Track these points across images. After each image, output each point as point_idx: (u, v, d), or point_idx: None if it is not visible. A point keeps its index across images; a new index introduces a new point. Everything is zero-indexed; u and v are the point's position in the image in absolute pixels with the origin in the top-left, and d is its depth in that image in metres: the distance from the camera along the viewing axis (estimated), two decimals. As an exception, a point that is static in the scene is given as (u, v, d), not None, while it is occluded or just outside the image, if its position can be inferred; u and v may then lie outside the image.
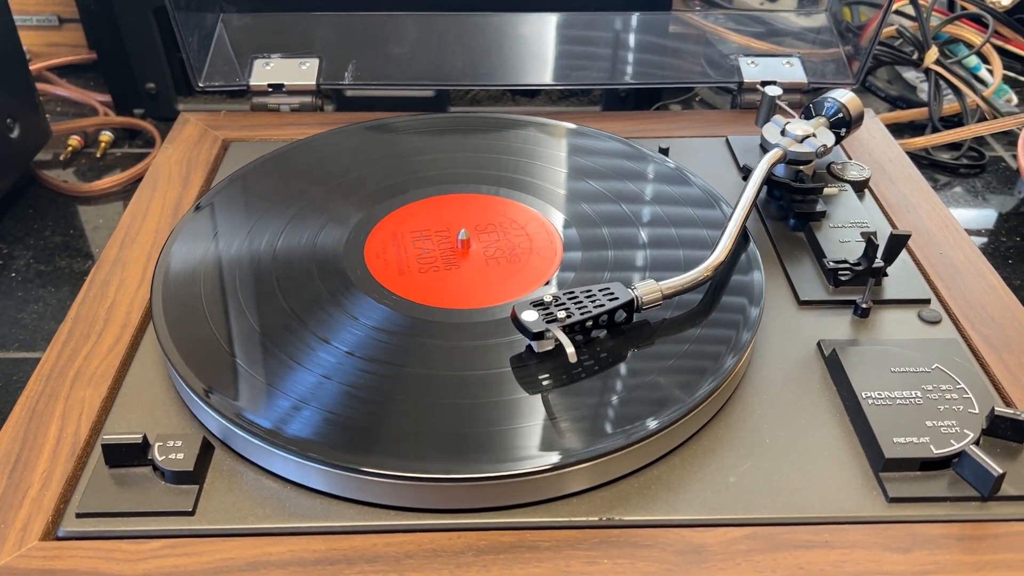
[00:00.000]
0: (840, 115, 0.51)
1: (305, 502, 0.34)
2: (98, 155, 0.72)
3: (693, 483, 0.35)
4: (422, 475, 0.33)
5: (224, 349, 0.39)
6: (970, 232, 0.66)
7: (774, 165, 0.48)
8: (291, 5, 0.65)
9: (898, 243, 0.43)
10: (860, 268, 0.43)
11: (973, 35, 0.80)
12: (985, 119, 0.74)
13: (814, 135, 0.49)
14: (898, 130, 0.77)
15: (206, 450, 0.35)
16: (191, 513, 0.34)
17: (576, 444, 0.34)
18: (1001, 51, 0.83)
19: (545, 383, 0.37)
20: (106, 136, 0.73)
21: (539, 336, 0.37)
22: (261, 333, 0.40)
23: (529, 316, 0.37)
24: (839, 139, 0.51)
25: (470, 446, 0.34)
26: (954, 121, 0.76)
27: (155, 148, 0.71)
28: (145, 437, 0.35)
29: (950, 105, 0.76)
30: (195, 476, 0.34)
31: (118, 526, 0.33)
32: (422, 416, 0.36)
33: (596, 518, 0.34)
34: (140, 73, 0.73)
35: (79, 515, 0.34)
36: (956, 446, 0.35)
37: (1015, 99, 0.79)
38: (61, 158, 0.71)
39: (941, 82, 0.75)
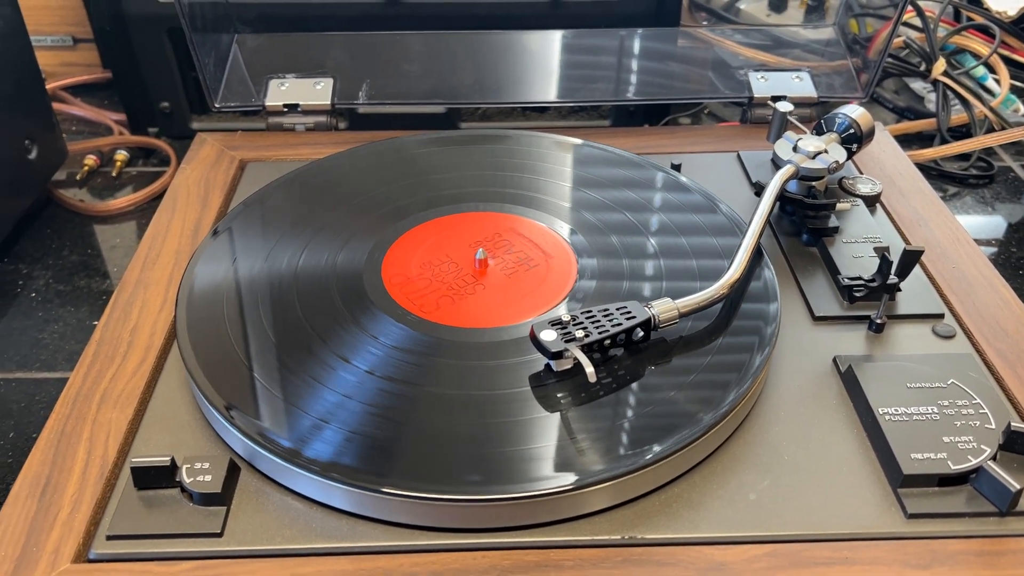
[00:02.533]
0: (851, 131, 0.51)
1: (330, 522, 0.35)
2: (114, 174, 0.73)
3: (714, 501, 0.36)
4: (444, 496, 0.33)
5: (248, 370, 0.39)
6: (980, 243, 0.66)
7: (787, 181, 0.48)
8: (305, 26, 0.65)
9: (911, 259, 0.43)
10: (874, 284, 0.44)
11: (980, 45, 0.81)
12: (993, 129, 0.74)
13: (826, 151, 0.49)
14: (906, 141, 0.77)
15: (232, 471, 0.36)
16: (220, 535, 0.34)
17: (597, 463, 0.35)
18: (1008, 61, 0.83)
19: (564, 402, 0.38)
20: (121, 155, 0.74)
21: (558, 355, 0.37)
22: (283, 354, 0.40)
23: (548, 336, 0.38)
24: (851, 154, 0.51)
25: (491, 466, 0.35)
26: (962, 132, 0.76)
27: (170, 167, 0.72)
28: (173, 460, 0.35)
29: (958, 116, 0.76)
30: (223, 497, 0.35)
31: (148, 548, 0.34)
32: (442, 436, 0.36)
33: (618, 536, 0.34)
34: (154, 92, 0.74)
35: (109, 537, 0.34)
36: (974, 462, 0.36)
37: (1023, 108, 0.80)
38: (77, 177, 0.72)
39: (949, 93, 0.75)
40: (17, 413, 0.51)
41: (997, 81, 0.80)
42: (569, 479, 0.34)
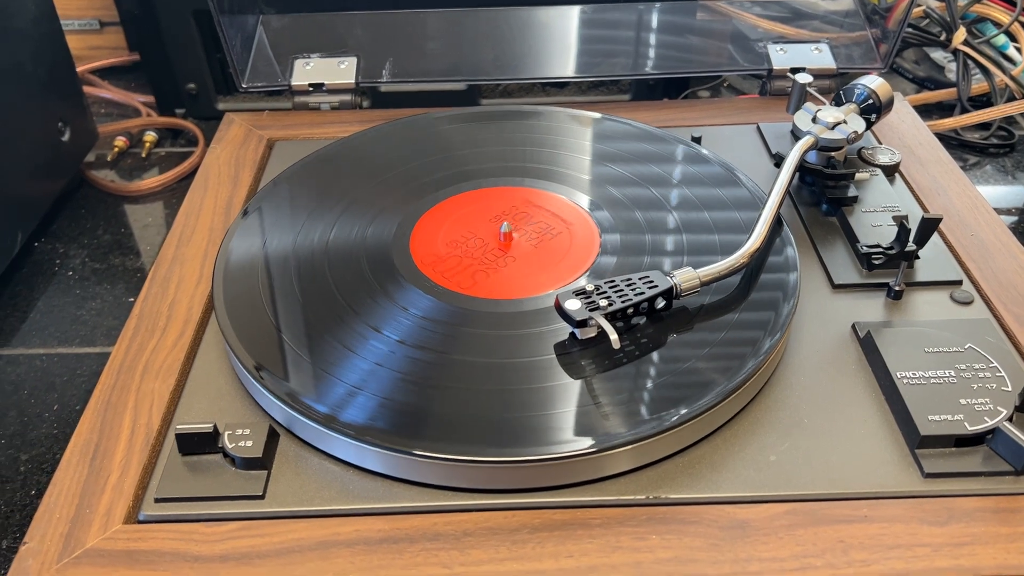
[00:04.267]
0: (870, 101, 0.52)
1: (367, 484, 0.36)
2: (143, 155, 0.74)
3: (735, 462, 0.37)
4: (475, 458, 0.35)
5: (284, 340, 0.41)
6: (999, 211, 0.67)
7: (806, 152, 0.49)
8: (328, 5, 0.66)
9: (930, 227, 0.44)
10: (893, 252, 0.44)
11: (1001, 14, 0.80)
12: (1014, 98, 0.74)
13: (845, 122, 0.50)
14: (926, 111, 0.77)
15: (272, 437, 0.37)
16: (261, 497, 0.36)
17: (621, 426, 0.36)
18: (1029, 29, 0.83)
19: (589, 368, 0.39)
20: (150, 136, 0.75)
21: (582, 324, 0.39)
22: (317, 324, 0.42)
23: (572, 305, 0.39)
24: (869, 125, 0.52)
25: (520, 430, 0.36)
26: (983, 101, 0.76)
27: (198, 147, 0.74)
28: (215, 427, 0.37)
29: (978, 85, 0.76)
30: (263, 462, 0.36)
31: (194, 510, 0.36)
32: (472, 401, 0.38)
33: (643, 496, 0.35)
34: (181, 74, 0.75)
35: (157, 500, 0.36)
36: (990, 423, 0.37)
37: (1044, 77, 0.79)
38: (108, 159, 0.74)
39: (969, 62, 0.75)
40: (60, 387, 0.53)
41: (1018, 49, 0.80)
42: (594, 442, 0.35)
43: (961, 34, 0.74)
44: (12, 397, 0.52)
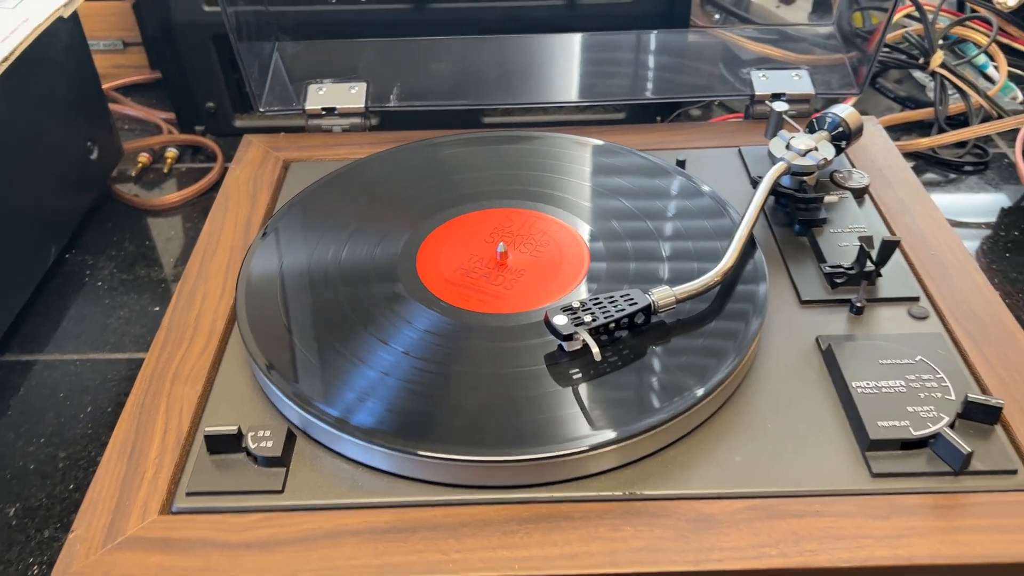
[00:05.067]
0: (840, 129, 0.56)
1: (374, 481, 0.41)
2: (165, 170, 0.79)
3: (704, 462, 0.41)
4: (472, 457, 0.39)
5: (300, 351, 0.45)
6: (972, 226, 0.71)
7: (779, 177, 0.53)
8: (339, 33, 0.71)
9: (888, 248, 0.48)
10: (853, 272, 0.48)
11: (981, 36, 0.84)
12: (989, 118, 0.78)
13: (816, 148, 0.54)
14: (907, 129, 0.81)
15: (290, 439, 0.42)
16: (281, 491, 0.40)
17: (603, 430, 0.40)
18: (1010, 50, 0.87)
19: (575, 377, 0.43)
20: (171, 152, 0.80)
21: (569, 338, 0.43)
22: (330, 337, 0.46)
23: (560, 320, 0.43)
24: (839, 151, 0.56)
25: (513, 432, 0.41)
26: (960, 120, 0.80)
27: (216, 163, 0.78)
28: (239, 429, 0.41)
29: (956, 105, 0.80)
30: (282, 460, 0.41)
31: (221, 503, 0.40)
32: (470, 406, 0.42)
33: (620, 493, 0.40)
34: (200, 93, 0.80)
35: (189, 494, 0.40)
36: (933, 428, 0.41)
37: (1020, 96, 0.83)
38: (132, 174, 0.78)
39: (947, 84, 0.79)
40: (93, 390, 0.58)
41: (997, 68, 0.84)
42: (579, 444, 0.40)
43: (939, 57, 0.78)
44: (50, 400, 0.57)
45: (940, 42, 0.83)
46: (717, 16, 0.91)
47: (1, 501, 0.51)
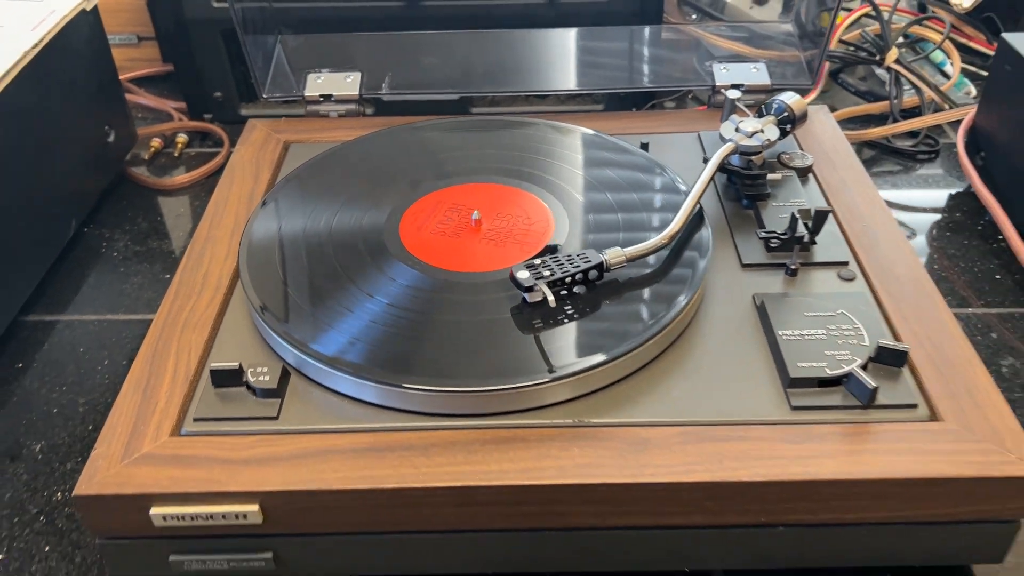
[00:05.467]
0: (786, 114, 0.62)
1: (359, 411, 0.47)
2: (176, 154, 0.85)
3: (646, 397, 0.47)
4: (445, 388, 0.45)
5: (294, 300, 0.51)
6: (920, 210, 0.76)
7: (727, 156, 0.59)
8: (336, 27, 0.77)
9: (821, 217, 0.54)
10: (785, 237, 0.54)
11: (937, 34, 0.90)
12: (941, 110, 0.84)
13: (762, 131, 0.60)
14: (866, 121, 0.87)
15: (285, 375, 0.48)
16: (276, 418, 0.46)
17: (559, 367, 0.46)
18: (965, 48, 0.93)
19: (536, 325, 0.49)
20: (182, 138, 0.86)
21: (530, 289, 0.49)
22: (322, 290, 0.52)
23: (522, 274, 0.49)
24: (784, 134, 0.62)
25: (478, 368, 0.47)
26: (915, 113, 0.86)
27: (223, 147, 0.85)
28: (240, 365, 0.47)
29: (911, 98, 0.86)
30: (278, 392, 0.47)
31: (223, 427, 0.46)
32: (444, 349, 0.48)
33: (571, 420, 0.46)
34: (209, 83, 0.86)
35: (196, 419, 0.46)
36: (846, 369, 0.47)
37: (974, 91, 0.89)
38: (145, 157, 0.85)
39: (901, 78, 0.85)
40: (110, 346, 0.64)
41: (952, 65, 0.90)
42: (535, 378, 0.46)
43: (893, 54, 0.84)
44: (70, 354, 0.63)
45: (901, 40, 0.89)
46: (694, 16, 0.97)
47: (28, 439, 0.57)
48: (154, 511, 0.43)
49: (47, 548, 0.51)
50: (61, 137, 0.70)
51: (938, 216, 0.76)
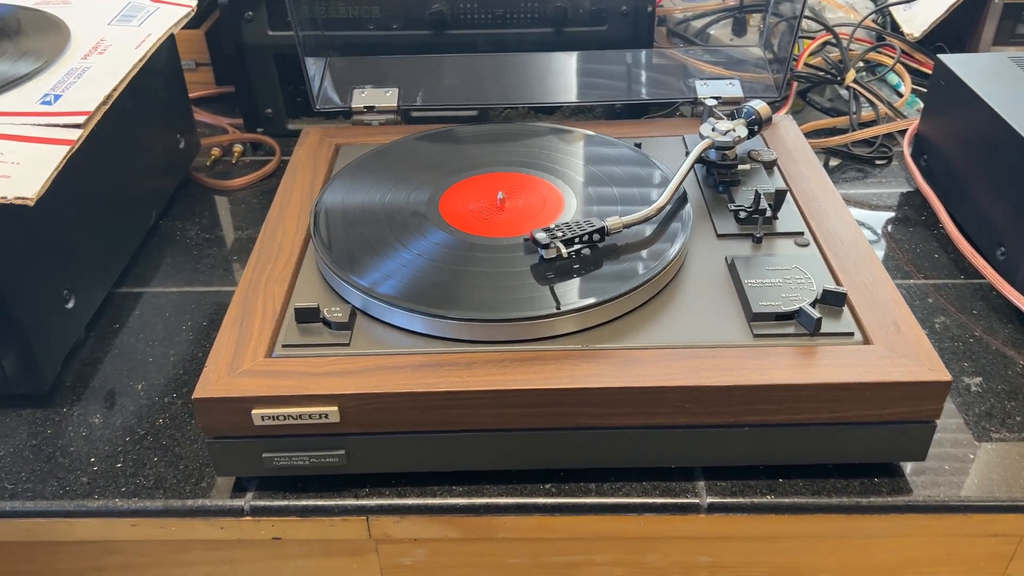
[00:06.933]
0: (754, 117, 0.75)
1: (412, 340, 0.59)
2: (233, 161, 0.98)
3: (639, 330, 0.59)
4: (481, 317, 0.58)
5: (359, 257, 0.64)
6: (875, 206, 0.89)
7: (705, 150, 0.72)
8: (377, 51, 0.91)
9: (781, 196, 0.67)
10: (751, 209, 0.67)
11: (891, 59, 1.04)
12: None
13: (734, 130, 0.73)
14: (831, 133, 1.00)
15: (352, 314, 0.60)
16: (348, 344, 0.58)
17: (566, 304, 0.59)
18: (917, 71, 1.07)
19: (551, 277, 0.62)
20: (238, 148, 0.99)
21: (546, 247, 0.62)
22: (379, 249, 0.65)
23: (540, 235, 0.62)
24: (752, 133, 0.75)
25: (507, 304, 0.59)
26: (872, 124, 0.99)
27: (275, 156, 0.98)
28: (318, 305, 0.60)
29: (868, 113, 1.00)
30: (348, 325, 0.59)
31: (307, 352, 0.58)
32: (478, 292, 0.60)
33: (579, 346, 0.58)
34: (261, 101, 1.00)
35: (284, 346, 0.59)
36: (797, 306, 0.59)
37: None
38: (207, 164, 0.98)
39: (860, 96, 0.99)
40: (191, 311, 0.76)
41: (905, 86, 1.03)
42: (551, 310, 0.58)
43: (851, 75, 0.98)
44: (158, 317, 0.76)
45: (861, 64, 1.03)
46: (680, 44, 1.11)
47: (131, 380, 0.69)
48: (255, 412, 0.55)
49: (155, 459, 0.62)
50: (145, 141, 0.83)
51: (891, 211, 0.89)
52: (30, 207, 0.57)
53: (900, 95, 1.04)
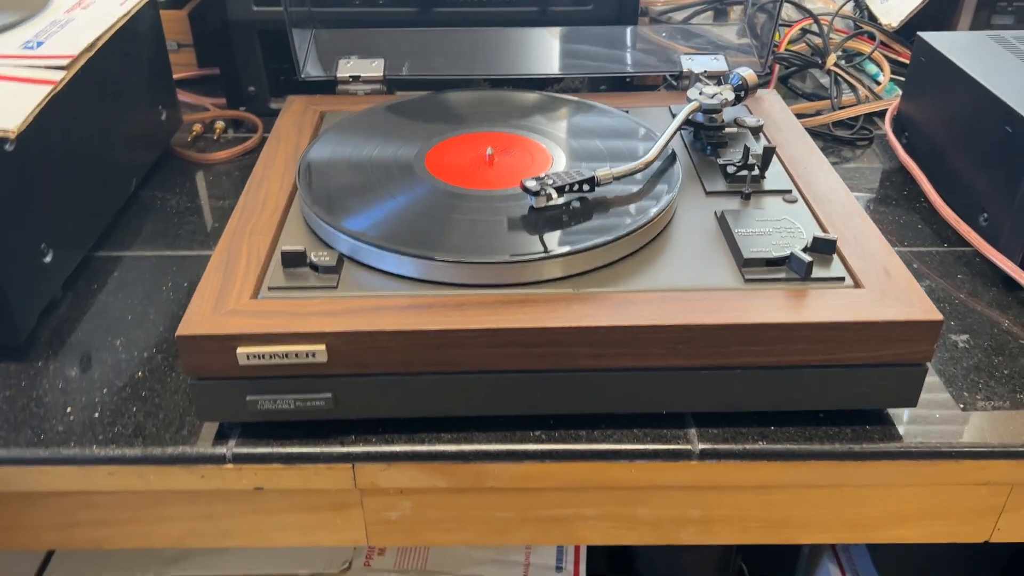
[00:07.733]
0: (740, 83, 0.76)
1: (401, 284, 0.58)
2: (215, 138, 0.97)
3: (628, 275, 0.59)
4: (469, 259, 0.57)
5: (347, 205, 0.63)
6: (858, 185, 0.90)
7: (692, 112, 0.72)
8: (363, 23, 0.91)
9: (769, 153, 0.68)
10: (739, 164, 0.67)
11: (868, 48, 1.06)
12: (873, 106, 0.99)
13: (720, 94, 0.73)
14: (813, 116, 1.01)
15: (340, 259, 0.59)
16: (335, 288, 0.57)
17: (559, 250, 0.58)
18: (895, 61, 1.09)
19: (540, 223, 0.61)
20: (220, 124, 0.98)
21: (536, 194, 0.61)
22: (368, 199, 0.64)
23: (530, 183, 0.61)
24: (739, 99, 0.75)
25: (497, 246, 0.58)
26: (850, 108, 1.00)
27: (256, 132, 0.97)
28: (306, 249, 0.59)
29: (849, 98, 1.01)
30: (336, 269, 0.58)
31: (293, 295, 0.57)
32: (472, 239, 0.60)
33: (570, 290, 0.57)
34: (244, 79, 0.99)
35: (270, 288, 0.57)
36: (788, 251, 0.59)
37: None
38: (188, 139, 0.97)
39: (840, 80, 1.00)
40: (172, 273, 0.75)
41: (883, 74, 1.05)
42: (540, 253, 0.57)
43: (832, 59, 0.99)
44: (138, 279, 0.74)
45: (839, 53, 1.05)
46: (663, 34, 1.12)
47: (110, 336, 0.67)
48: (240, 350, 0.54)
49: (135, 409, 0.61)
50: (127, 108, 0.82)
51: (872, 191, 0.90)
52: (10, 152, 0.56)
53: (879, 84, 1.05)
